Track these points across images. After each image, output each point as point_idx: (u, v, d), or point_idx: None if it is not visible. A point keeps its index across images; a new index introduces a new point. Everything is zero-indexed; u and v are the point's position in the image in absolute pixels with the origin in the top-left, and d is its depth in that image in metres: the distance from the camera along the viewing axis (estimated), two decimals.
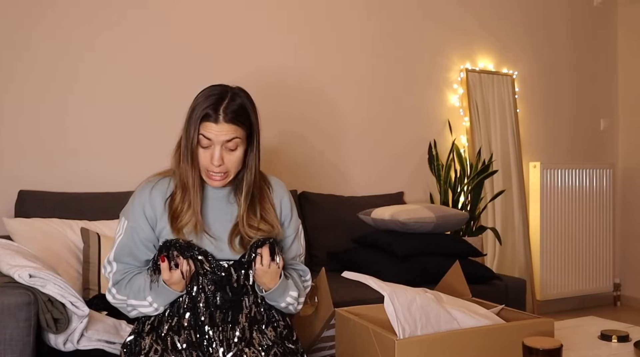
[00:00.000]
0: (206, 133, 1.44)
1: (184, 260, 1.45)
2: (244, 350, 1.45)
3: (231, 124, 1.44)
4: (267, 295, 1.53)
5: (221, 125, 1.44)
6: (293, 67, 3.28)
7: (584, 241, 4.15)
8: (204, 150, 1.47)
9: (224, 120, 1.44)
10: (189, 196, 1.50)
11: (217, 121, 1.43)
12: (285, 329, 1.56)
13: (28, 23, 2.66)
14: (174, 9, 2.97)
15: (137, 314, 1.53)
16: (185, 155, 1.48)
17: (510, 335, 1.47)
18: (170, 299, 1.49)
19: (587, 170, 4.17)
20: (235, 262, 1.52)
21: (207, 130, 1.44)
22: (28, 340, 1.59)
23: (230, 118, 1.44)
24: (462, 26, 3.82)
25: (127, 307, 1.52)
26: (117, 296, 1.53)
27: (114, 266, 1.54)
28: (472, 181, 3.47)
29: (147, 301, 1.49)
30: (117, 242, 1.54)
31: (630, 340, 1.69)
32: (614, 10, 4.47)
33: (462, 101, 3.80)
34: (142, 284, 1.50)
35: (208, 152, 1.46)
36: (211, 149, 1.46)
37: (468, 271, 2.03)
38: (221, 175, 1.49)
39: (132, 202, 1.55)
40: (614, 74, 4.49)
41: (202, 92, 1.49)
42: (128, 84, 2.86)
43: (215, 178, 1.49)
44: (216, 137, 1.44)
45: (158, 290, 1.47)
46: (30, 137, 2.65)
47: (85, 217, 2.45)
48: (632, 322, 2.03)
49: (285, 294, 1.55)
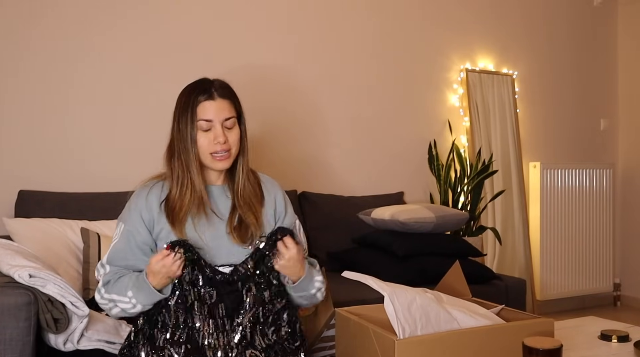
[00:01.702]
0: (205, 115, 1.49)
1: (182, 258, 1.42)
2: (244, 353, 1.44)
3: (226, 99, 1.52)
4: (298, 285, 1.52)
5: (218, 101, 1.51)
6: (293, 67, 3.28)
7: (584, 241, 4.15)
8: (205, 134, 1.50)
9: (219, 96, 1.51)
10: (188, 183, 1.51)
11: (213, 98, 1.50)
12: (289, 328, 1.55)
13: (28, 23, 2.66)
14: (173, 9, 2.97)
15: (118, 313, 1.49)
16: (181, 150, 1.50)
17: (510, 335, 1.46)
18: (150, 298, 1.46)
19: (587, 170, 4.17)
20: (253, 254, 1.51)
21: (205, 111, 1.49)
22: (28, 340, 1.60)
23: (224, 93, 1.52)
24: (462, 26, 3.82)
25: (109, 303, 1.49)
26: (105, 296, 1.50)
27: (106, 268, 1.53)
28: (472, 181, 3.47)
29: (127, 296, 1.46)
30: (112, 245, 1.55)
31: (630, 340, 1.69)
32: (614, 10, 4.47)
33: (462, 101, 3.80)
34: (127, 281, 1.49)
35: (210, 134, 1.50)
36: (212, 130, 1.50)
37: (468, 271, 2.02)
38: (226, 154, 1.52)
39: (128, 207, 1.56)
40: (614, 74, 4.49)
41: (184, 89, 1.55)
42: (128, 84, 2.86)
43: (220, 158, 1.52)
44: (216, 115, 1.50)
45: (139, 284, 1.45)
46: (30, 137, 2.65)
47: (85, 217, 2.45)
48: (632, 322, 2.03)
49: (313, 280, 1.56)
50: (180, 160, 1.51)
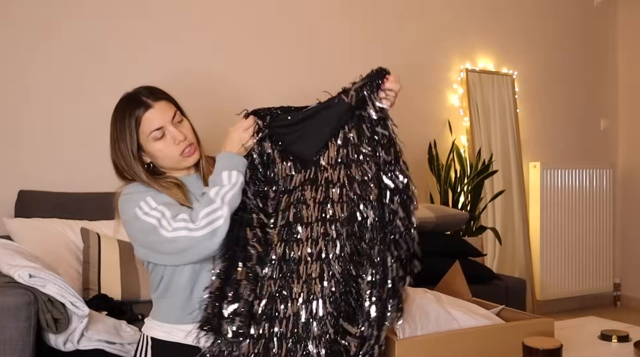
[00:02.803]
0: (153, 124, 1.44)
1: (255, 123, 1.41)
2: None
3: (163, 101, 1.46)
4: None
5: (158, 105, 1.45)
6: (292, 67, 3.28)
7: (584, 241, 4.15)
8: (161, 142, 1.45)
9: (155, 100, 1.45)
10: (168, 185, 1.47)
11: (152, 106, 1.44)
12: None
13: (28, 23, 2.66)
14: (171, 10, 2.97)
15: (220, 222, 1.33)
16: (134, 175, 1.46)
17: (510, 335, 1.46)
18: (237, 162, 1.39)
19: (587, 170, 4.17)
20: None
21: (151, 121, 1.44)
22: (28, 340, 1.60)
23: (157, 97, 1.46)
24: (462, 26, 3.82)
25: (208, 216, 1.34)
26: (198, 223, 1.35)
27: (180, 215, 1.37)
28: (472, 181, 3.47)
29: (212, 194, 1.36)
30: (161, 209, 1.39)
31: (630, 340, 1.69)
32: (613, 10, 4.47)
33: (462, 101, 3.80)
34: (209, 188, 1.39)
35: (166, 139, 1.45)
36: (167, 135, 1.45)
37: (468, 271, 2.02)
38: (191, 148, 1.48)
39: (135, 199, 1.45)
40: (614, 74, 4.49)
41: (115, 112, 1.51)
42: (128, 84, 2.85)
43: (188, 153, 1.48)
44: (163, 119, 1.44)
45: (221, 162, 1.39)
46: (30, 137, 2.65)
47: (85, 217, 2.45)
48: (632, 322, 2.03)
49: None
50: (143, 181, 1.46)
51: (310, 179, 1.39)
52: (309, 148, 1.42)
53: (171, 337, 1.47)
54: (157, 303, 1.53)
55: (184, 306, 1.46)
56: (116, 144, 1.48)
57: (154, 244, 1.39)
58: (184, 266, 1.45)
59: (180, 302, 1.47)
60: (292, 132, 1.44)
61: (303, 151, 1.42)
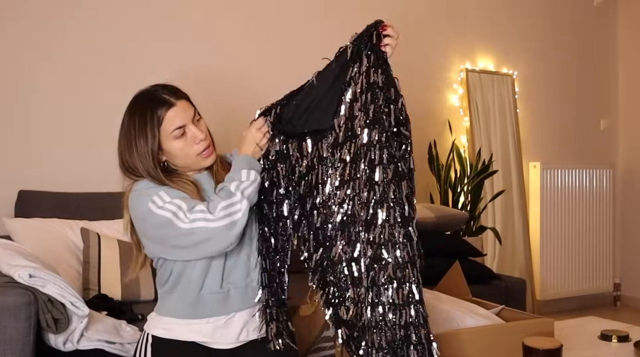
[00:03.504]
0: (175, 123, 1.43)
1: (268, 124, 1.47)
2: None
3: (184, 99, 1.47)
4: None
5: (179, 103, 1.45)
6: (292, 67, 3.27)
7: (584, 241, 4.15)
8: (182, 140, 1.45)
9: (177, 99, 1.45)
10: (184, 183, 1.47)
11: (175, 104, 1.44)
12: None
13: (28, 24, 2.66)
14: (172, 10, 2.97)
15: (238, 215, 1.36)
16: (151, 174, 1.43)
17: (510, 335, 1.47)
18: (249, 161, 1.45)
19: (587, 170, 4.17)
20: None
21: (172, 119, 1.43)
22: (28, 340, 1.60)
23: (179, 96, 1.47)
24: (462, 26, 3.82)
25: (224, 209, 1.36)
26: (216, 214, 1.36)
27: (198, 207, 1.38)
28: (472, 181, 3.47)
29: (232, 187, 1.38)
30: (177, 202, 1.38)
31: (630, 340, 1.69)
32: (614, 10, 4.47)
33: (462, 101, 3.80)
34: (225, 183, 1.41)
35: (186, 138, 1.45)
36: (187, 133, 1.45)
37: (468, 271, 2.03)
38: (210, 148, 1.49)
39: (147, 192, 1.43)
40: (614, 74, 4.49)
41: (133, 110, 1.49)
42: (128, 84, 2.85)
43: (207, 154, 1.48)
44: (185, 118, 1.44)
45: (238, 162, 1.44)
46: (30, 137, 2.65)
47: (85, 217, 2.45)
48: (632, 322, 2.03)
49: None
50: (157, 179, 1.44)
51: (335, 143, 1.44)
52: (323, 117, 1.47)
53: (171, 335, 1.46)
54: (164, 298, 1.52)
55: (193, 302, 1.46)
56: (133, 142, 1.46)
57: (169, 238, 1.39)
58: (195, 261, 1.44)
59: (190, 297, 1.46)
60: (301, 114, 1.49)
61: (319, 122, 1.47)
